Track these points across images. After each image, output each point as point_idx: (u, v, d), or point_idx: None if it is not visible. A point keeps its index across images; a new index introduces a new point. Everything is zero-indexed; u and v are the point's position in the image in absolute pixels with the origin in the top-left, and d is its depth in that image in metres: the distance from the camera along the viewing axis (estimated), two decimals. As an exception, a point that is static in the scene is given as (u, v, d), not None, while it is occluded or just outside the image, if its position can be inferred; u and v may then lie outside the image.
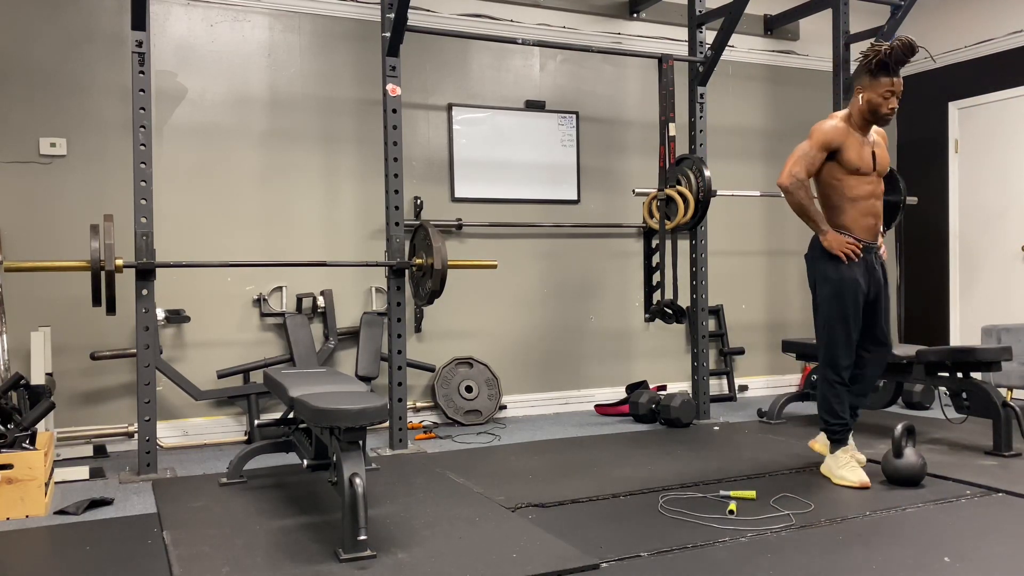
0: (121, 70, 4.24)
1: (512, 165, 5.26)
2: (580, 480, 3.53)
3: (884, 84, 3.34)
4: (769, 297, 6.10)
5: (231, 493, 3.38)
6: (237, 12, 4.64)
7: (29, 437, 3.29)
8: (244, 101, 4.64)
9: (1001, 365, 4.13)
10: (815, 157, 3.41)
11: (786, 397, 4.96)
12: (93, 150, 4.31)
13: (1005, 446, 3.85)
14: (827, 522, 2.89)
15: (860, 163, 3.39)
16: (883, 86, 3.34)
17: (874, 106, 3.36)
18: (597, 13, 5.54)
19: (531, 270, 5.34)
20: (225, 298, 4.58)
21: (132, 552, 2.70)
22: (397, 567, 2.49)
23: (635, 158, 5.60)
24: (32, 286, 4.13)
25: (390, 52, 4.12)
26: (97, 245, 3.46)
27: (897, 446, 3.31)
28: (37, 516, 3.10)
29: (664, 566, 2.49)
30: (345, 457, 2.60)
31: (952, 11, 6.20)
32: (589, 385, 5.50)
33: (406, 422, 4.23)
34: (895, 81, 3.35)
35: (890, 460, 3.36)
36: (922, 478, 3.33)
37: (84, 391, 4.30)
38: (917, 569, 2.44)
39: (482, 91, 5.22)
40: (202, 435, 4.48)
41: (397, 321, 4.19)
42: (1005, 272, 5.91)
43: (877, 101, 3.35)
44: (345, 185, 4.85)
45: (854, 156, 3.38)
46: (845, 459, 3.45)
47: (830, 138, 3.40)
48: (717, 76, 5.09)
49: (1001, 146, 5.92)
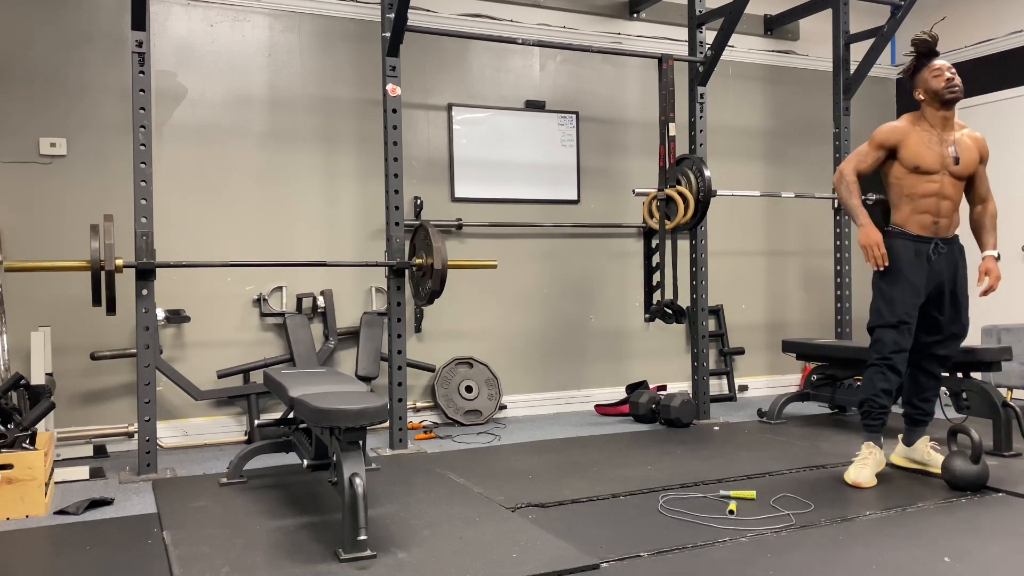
0: (121, 70, 4.24)
1: (512, 165, 5.26)
2: (580, 480, 3.52)
3: (934, 68, 3.41)
4: (769, 297, 6.10)
5: (231, 493, 3.38)
6: (237, 12, 4.64)
7: (29, 437, 3.29)
8: (244, 101, 4.64)
9: (1001, 365, 4.13)
10: (868, 155, 3.50)
11: (786, 397, 4.96)
12: (93, 150, 4.31)
13: (1005, 446, 3.86)
14: (827, 522, 2.89)
15: (919, 161, 3.40)
16: (933, 69, 3.41)
17: (934, 90, 3.40)
18: (597, 13, 5.54)
19: (531, 270, 5.34)
20: (225, 298, 4.58)
21: (132, 552, 2.70)
22: (397, 567, 2.49)
23: (635, 158, 5.60)
24: (32, 286, 4.13)
25: (390, 52, 4.12)
26: (97, 245, 3.46)
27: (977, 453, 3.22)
28: (37, 516, 3.10)
29: (664, 566, 2.49)
30: (345, 457, 2.59)
31: (952, 11, 6.20)
32: (589, 385, 5.50)
33: (406, 422, 4.23)
34: (942, 64, 3.42)
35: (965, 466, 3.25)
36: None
37: (84, 391, 4.29)
38: (917, 569, 2.44)
39: (482, 91, 5.22)
40: (202, 435, 4.48)
41: (397, 321, 4.19)
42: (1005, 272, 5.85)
43: (934, 85, 3.40)
44: (345, 185, 4.85)
45: (911, 154, 3.41)
46: (865, 453, 3.45)
47: (884, 136, 3.47)
48: (717, 76, 5.09)
49: (1001, 146, 5.91)
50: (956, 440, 3.34)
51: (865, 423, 3.51)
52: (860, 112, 5.87)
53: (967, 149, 3.45)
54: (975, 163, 3.48)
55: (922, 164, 3.40)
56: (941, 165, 3.41)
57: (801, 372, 5.97)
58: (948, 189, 3.43)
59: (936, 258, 3.46)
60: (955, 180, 3.45)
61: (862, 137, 6.12)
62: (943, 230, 3.47)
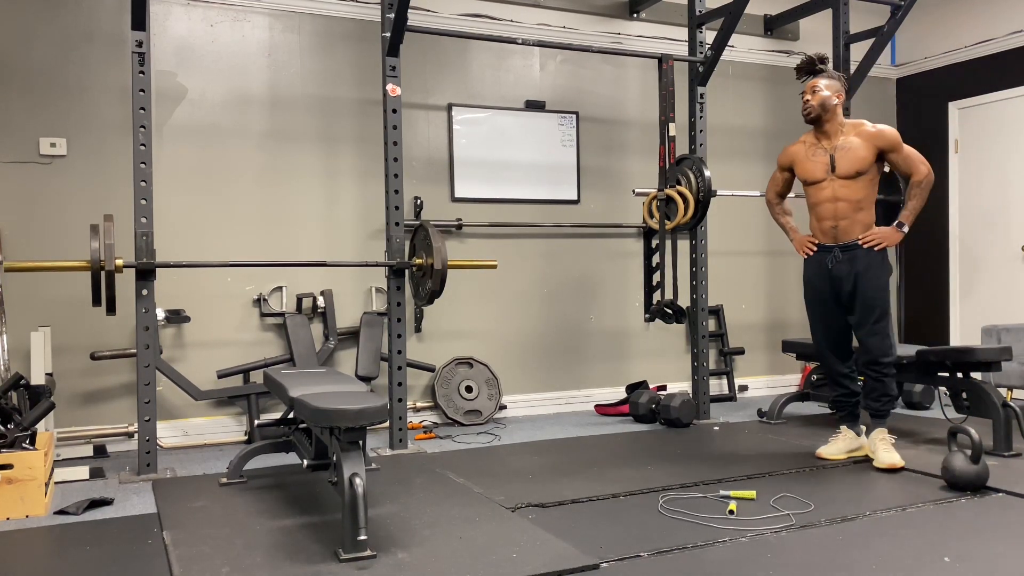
0: (121, 70, 4.24)
1: (512, 165, 5.26)
2: (580, 480, 3.53)
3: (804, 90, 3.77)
4: (769, 297, 6.10)
5: (231, 493, 3.38)
6: (237, 12, 4.64)
7: (29, 437, 3.29)
8: (244, 101, 4.64)
9: (1001, 365, 4.13)
10: (776, 178, 4.02)
11: (786, 397, 4.96)
12: (93, 150, 4.30)
13: (1005, 446, 3.85)
14: (827, 522, 2.89)
15: (806, 175, 3.79)
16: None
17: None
18: (597, 13, 5.54)
19: (531, 270, 5.34)
20: (225, 298, 4.58)
21: (132, 552, 2.70)
22: (397, 567, 2.49)
23: (635, 158, 5.60)
24: (32, 286, 4.13)
25: (390, 52, 4.12)
26: (97, 245, 3.46)
27: (977, 453, 3.23)
28: (37, 516, 3.10)
29: (664, 566, 2.49)
30: (345, 457, 2.59)
31: (952, 11, 6.20)
32: (589, 385, 5.50)
33: (406, 422, 4.23)
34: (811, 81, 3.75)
35: (964, 465, 3.25)
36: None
37: (84, 391, 4.30)
38: (917, 569, 2.44)
39: (482, 91, 5.22)
40: (202, 435, 4.48)
41: (397, 321, 4.19)
42: (1005, 272, 5.91)
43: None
44: (345, 185, 4.85)
45: (801, 170, 3.82)
46: (840, 436, 3.89)
47: (780, 159, 3.97)
48: (717, 76, 5.09)
49: (1001, 146, 5.92)
50: (956, 440, 3.34)
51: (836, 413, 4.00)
52: (860, 112, 5.86)
53: (852, 150, 3.64)
54: (861, 160, 3.64)
55: (808, 177, 3.77)
56: (825, 172, 3.70)
57: (801, 372, 5.97)
58: (841, 191, 3.67)
59: (834, 266, 3.71)
60: (846, 181, 3.65)
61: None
62: (843, 233, 3.70)
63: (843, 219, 3.68)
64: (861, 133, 3.65)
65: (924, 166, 3.66)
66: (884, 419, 3.78)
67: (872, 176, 3.67)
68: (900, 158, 3.66)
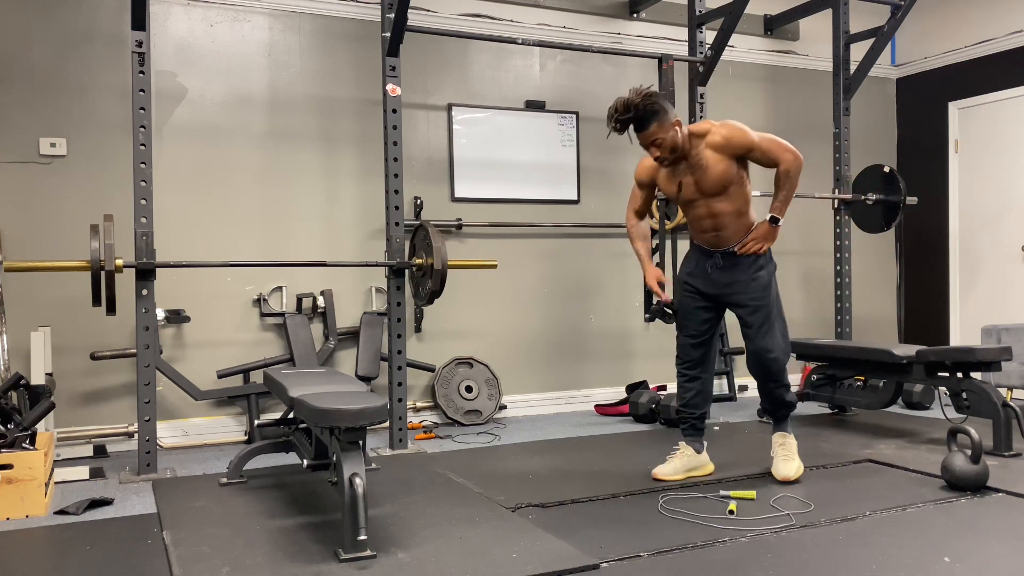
0: (121, 70, 4.24)
1: (512, 165, 5.26)
2: (580, 480, 3.53)
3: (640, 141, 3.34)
4: (769, 297, 6.09)
5: (231, 493, 3.38)
6: (237, 12, 4.64)
7: (29, 437, 3.29)
8: (244, 101, 4.64)
9: (1001, 365, 4.13)
10: (636, 196, 3.66)
11: (786, 397, 4.94)
12: (93, 150, 4.31)
13: (1005, 446, 3.85)
14: (827, 522, 2.88)
15: (667, 194, 3.53)
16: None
17: None
18: (597, 13, 5.54)
19: (531, 270, 5.34)
20: (225, 298, 4.58)
21: (132, 552, 2.70)
22: (397, 567, 2.49)
23: (635, 158, 5.55)
24: (32, 286, 4.13)
25: (390, 52, 4.12)
26: (97, 245, 3.46)
27: (977, 453, 3.22)
28: (37, 516, 3.10)
29: (664, 566, 2.49)
30: (345, 457, 2.59)
31: (952, 11, 6.21)
32: (589, 385, 5.50)
33: (406, 422, 4.23)
34: (641, 136, 3.30)
35: (965, 465, 3.24)
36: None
37: (84, 391, 4.30)
38: (917, 569, 2.44)
39: (482, 91, 5.22)
40: (202, 435, 4.48)
41: (397, 321, 4.19)
42: (1005, 272, 5.91)
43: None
44: (345, 185, 4.85)
45: (662, 187, 3.53)
46: (677, 453, 3.60)
47: (638, 175, 3.62)
48: (717, 76, 5.09)
49: (1001, 146, 5.92)
50: (956, 440, 3.34)
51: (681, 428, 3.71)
52: (860, 112, 5.88)
53: (710, 168, 3.35)
54: (723, 174, 3.36)
55: (671, 197, 3.52)
56: (693, 193, 3.41)
57: (801, 372, 5.97)
58: (716, 207, 3.41)
59: (713, 272, 3.54)
60: (717, 197, 3.40)
61: (862, 137, 6.17)
62: (724, 241, 3.49)
63: (723, 229, 3.46)
64: (712, 145, 3.34)
65: (788, 153, 3.41)
66: (784, 423, 3.62)
67: (740, 181, 3.44)
68: (759, 154, 3.41)
